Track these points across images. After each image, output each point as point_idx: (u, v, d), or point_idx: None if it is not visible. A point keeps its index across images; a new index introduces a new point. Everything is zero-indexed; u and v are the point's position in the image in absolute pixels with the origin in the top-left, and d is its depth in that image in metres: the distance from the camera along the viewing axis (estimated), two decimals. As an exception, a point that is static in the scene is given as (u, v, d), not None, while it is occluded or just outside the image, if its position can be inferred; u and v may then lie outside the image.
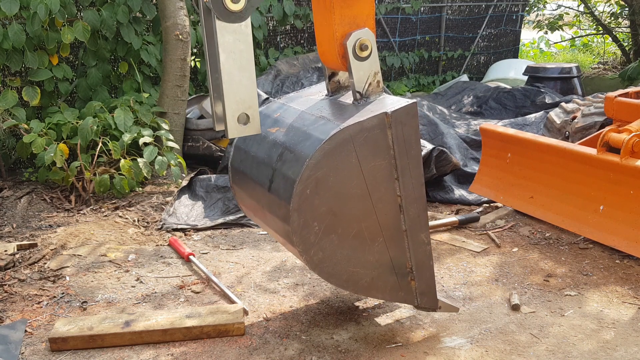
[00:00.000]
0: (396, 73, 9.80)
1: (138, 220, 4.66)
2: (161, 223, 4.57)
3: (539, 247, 4.11)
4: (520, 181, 4.50)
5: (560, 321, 3.17)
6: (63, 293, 3.52)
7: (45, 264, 3.86)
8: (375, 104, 2.66)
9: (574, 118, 5.02)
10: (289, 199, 2.47)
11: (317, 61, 7.25)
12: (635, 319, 3.18)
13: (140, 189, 5.19)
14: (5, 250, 3.94)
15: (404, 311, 3.27)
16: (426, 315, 3.22)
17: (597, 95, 5.39)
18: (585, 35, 14.15)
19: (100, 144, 4.93)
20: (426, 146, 4.94)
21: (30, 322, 3.21)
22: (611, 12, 12.35)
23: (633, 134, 3.81)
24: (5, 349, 2.93)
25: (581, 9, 13.11)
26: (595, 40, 14.16)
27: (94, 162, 4.91)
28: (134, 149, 5.17)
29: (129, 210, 4.78)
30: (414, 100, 2.60)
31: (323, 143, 2.45)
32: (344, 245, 2.62)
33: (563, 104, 5.33)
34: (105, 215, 4.68)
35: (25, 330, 3.12)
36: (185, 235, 4.43)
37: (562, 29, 12.66)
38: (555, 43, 14.35)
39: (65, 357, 2.91)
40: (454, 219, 4.49)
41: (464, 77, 9.84)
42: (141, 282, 3.66)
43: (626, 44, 12.03)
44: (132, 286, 3.62)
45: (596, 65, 12.42)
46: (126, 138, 5.01)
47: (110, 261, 3.92)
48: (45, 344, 3.01)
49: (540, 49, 14.11)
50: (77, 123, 5.08)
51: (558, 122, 5.13)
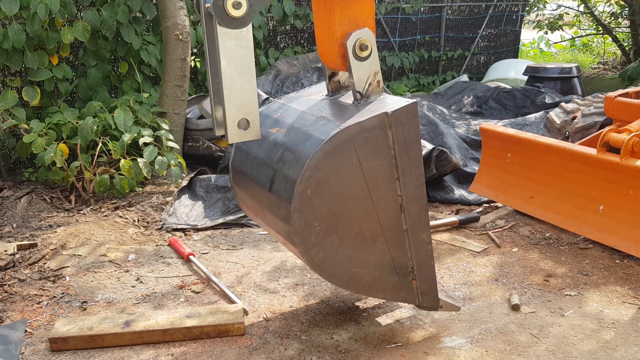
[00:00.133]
0: (396, 73, 9.80)
1: (138, 220, 4.66)
2: (161, 223, 4.57)
3: (539, 247, 4.11)
4: (520, 181, 4.50)
5: (560, 321, 3.17)
6: (63, 293, 3.52)
7: (45, 264, 3.86)
8: (375, 104, 2.66)
9: (574, 118, 5.02)
10: (290, 199, 2.47)
11: (317, 61, 7.25)
12: (635, 319, 3.18)
13: (140, 189, 5.19)
14: (5, 250, 3.94)
15: (404, 311, 3.27)
16: (426, 315, 3.22)
17: (597, 95, 5.38)
18: (585, 35, 14.16)
19: (100, 144, 4.93)
20: (426, 146, 4.94)
21: (30, 322, 3.21)
22: (611, 12, 12.36)
23: (633, 134, 3.81)
24: (5, 349, 2.93)
25: (581, 9, 13.11)
26: (595, 40, 14.16)
27: (94, 162, 4.91)
28: (134, 149, 5.17)
29: (129, 210, 4.78)
30: (414, 100, 2.60)
31: (323, 143, 2.45)
32: (345, 245, 2.61)
33: (563, 104, 5.33)
34: (105, 215, 4.68)
35: (25, 330, 3.12)
36: (185, 235, 4.43)
37: (562, 29, 12.66)
38: (555, 43, 14.35)
39: (65, 357, 2.91)
40: (454, 219, 4.49)
41: (464, 77, 9.83)
42: (141, 282, 3.66)
43: (626, 44, 12.03)
44: (132, 286, 3.62)
45: (596, 65, 12.42)
46: (126, 138, 5.02)
47: (110, 261, 3.92)
48: (45, 344, 3.01)
49: (540, 49, 14.11)
50: (77, 123, 5.08)
51: (558, 122, 5.13)
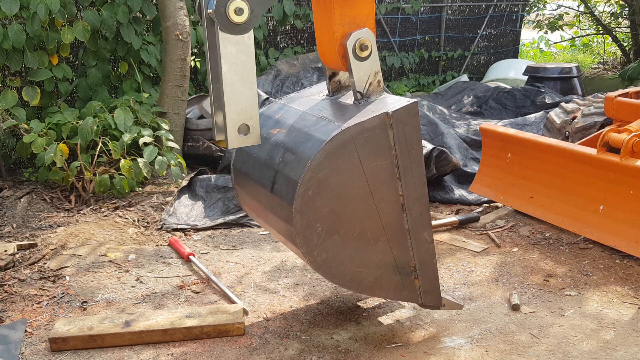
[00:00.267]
0: (396, 73, 9.80)
1: (138, 220, 4.66)
2: (161, 223, 4.57)
3: (539, 247, 4.11)
4: (520, 181, 4.50)
5: (560, 321, 3.17)
6: (63, 293, 3.52)
7: (45, 264, 3.86)
8: (376, 103, 2.66)
9: (574, 118, 5.02)
10: (292, 200, 2.47)
11: (317, 61, 7.25)
12: (635, 319, 3.18)
13: (140, 189, 5.19)
14: (5, 250, 3.94)
15: (404, 311, 3.27)
16: (426, 315, 3.22)
17: (597, 95, 5.38)
18: (585, 35, 14.16)
19: (100, 144, 4.92)
20: (426, 146, 4.94)
21: (30, 322, 3.21)
22: (611, 12, 12.36)
23: (633, 134, 3.81)
24: (5, 349, 2.93)
25: (581, 9, 13.11)
26: (595, 40, 14.16)
27: (94, 162, 4.91)
28: (134, 149, 5.17)
29: (129, 210, 4.78)
30: (415, 100, 2.60)
31: (324, 144, 2.45)
32: (347, 245, 2.62)
33: (563, 104, 5.33)
34: (105, 215, 4.68)
35: (25, 330, 3.12)
36: (185, 235, 4.43)
37: (562, 29, 12.66)
38: (555, 43, 14.35)
39: (65, 357, 2.91)
40: (454, 219, 4.49)
41: (464, 77, 9.83)
42: (141, 282, 3.66)
43: (626, 44, 12.03)
44: (132, 286, 3.62)
45: (596, 65, 12.42)
46: (126, 138, 5.01)
47: (110, 261, 3.92)
48: (45, 344, 3.01)
49: (540, 49, 14.11)
50: (77, 123, 5.08)
51: (558, 122, 5.13)
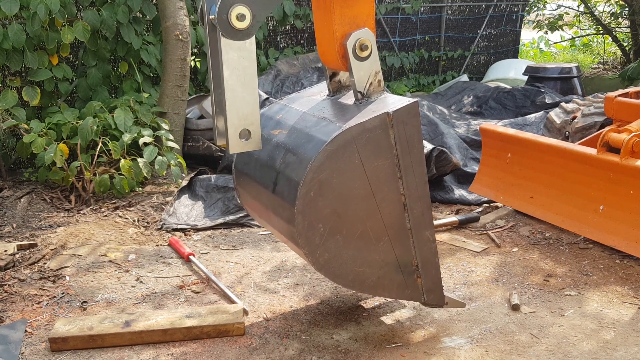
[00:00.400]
0: (396, 73, 9.80)
1: (138, 220, 4.66)
2: (161, 223, 4.57)
3: (539, 247, 4.11)
4: (520, 181, 4.50)
5: (560, 321, 3.17)
6: (63, 293, 3.52)
7: (45, 264, 3.86)
8: (376, 103, 2.66)
9: (574, 118, 5.02)
10: (293, 201, 2.47)
11: (317, 61, 7.25)
12: (635, 319, 3.18)
13: (140, 189, 5.19)
14: (5, 250, 3.94)
15: (404, 311, 3.27)
16: (426, 315, 3.22)
17: (597, 95, 5.38)
18: (585, 35, 14.15)
19: (100, 144, 4.92)
20: (426, 146, 4.94)
21: (30, 322, 3.21)
22: (611, 12, 12.35)
23: (633, 134, 3.81)
24: (5, 349, 2.93)
25: (581, 9, 13.11)
26: (595, 40, 14.16)
27: (94, 162, 4.91)
28: (134, 149, 5.17)
29: (129, 210, 4.78)
30: (416, 100, 2.60)
31: (325, 145, 2.45)
32: (350, 245, 2.62)
33: (563, 104, 5.33)
34: (105, 215, 4.68)
35: (25, 330, 3.12)
36: (185, 235, 4.43)
37: (562, 29, 12.66)
38: (555, 43, 14.35)
39: (65, 357, 2.91)
40: (454, 219, 4.49)
41: (464, 77, 9.83)
42: (141, 282, 3.66)
43: (626, 44, 12.03)
44: (132, 286, 3.62)
45: (596, 65, 12.42)
46: (126, 138, 5.01)
47: (110, 261, 3.92)
48: (45, 344, 3.01)
49: (540, 49, 14.11)
50: (77, 123, 5.08)
51: (558, 122, 5.13)
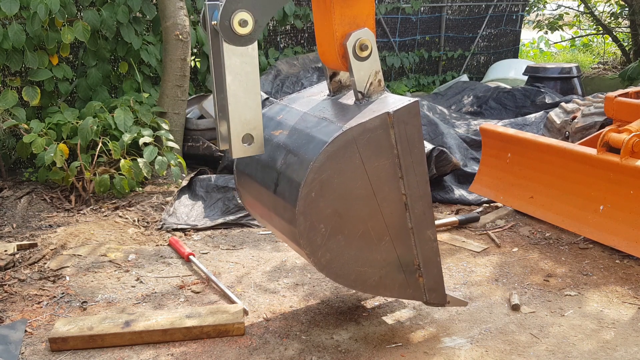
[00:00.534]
0: (396, 73, 9.80)
1: (138, 220, 4.66)
2: (161, 223, 4.57)
3: (539, 247, 4.11)
4: (520, 181, 4.50)
5: (560, 321, 3.17)
6: (63, 293, 3.52)
7: (45, 264, 3.86)
8: (377, 103, 2.66)
9: (574, 118, 5.02)
10: (295, 202, 2.47)
11: (317, 61, 7.25)
12: (635, 319, 3.18)
13: (140, 189, 5.19)
14: (5, 250, 3.94)
15: (404, 311, 3.27)
16: (426, 315, 3.22)
17: (597, 95, 5.38)
18: (585, 35, 14.15)
19: (100, 144, 4.92)
20: (426, 146, 4.94)
21: (30, 322, 3.21)
22: (611, 12, 12.35)
23: (633, 134, 3.81)
24: (5, 349, 2.93)
25: (581, 9, 13.11)
26: (595, 40, 14.16)
27: (94, 162, 4.91)
28: (134, 149, 5.17)
29: (129, 210, 4.78)
30: (416, 99, 2.60)
31: (326, 146, 2.45)
32: (351, 245, 2.62)
33: (563, 104, 5.33)
34: (105, 215, 4.68)
35: (25, 330, 3.12)
36: (185, 235, 4.43)
37: (562, 29, 12.66)
38: (555, 43, 14.35)
39: (65, 357, 2.91)
40: (454, 219, 4.49)
41: (464, 77, 9.83)
42: (141, 282, 3.66)
43: (626, 44, 12.02)
44: (132, 286, 3.62)
45: (596, 65, 12.42)
46: (126, 138, 5.01)
47: (110, 261, 3.92)
48: (45, 344, 3.01)
49: (540, 49, 14.11)
50: (77, 123, 5.08)
51: (558, 122, 5.13)
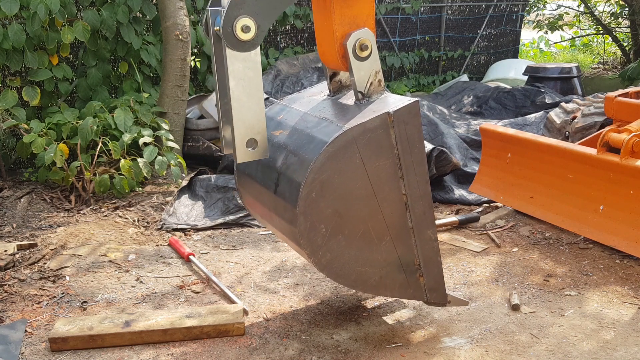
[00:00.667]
0: (396, 73, 9.80)
1: (138, 220, 4.66)
2: (161, 223, 4.57)
3: (539, 247, 4.11)
4: (520, 181, 4.50)
5: (560, 321, 3.17)
6: (63, 293, 3.52)
7: (45, 264, 3.86)
8: (377, 103, 2.66)
9: (574, 118, 5.02)
10: (295, 202, 2.48)
11: (317, 61, 7.25)
12: (635, 319, 3.18)
13: (140, 189, 5.19)
14: (5, 250, 3.94)
15: (404, 311, 3.27)
16: (426, 315, 3.22)
17: (597, 95, 5.38)
18: (585, 35, 14.15)
19: (100, 144, 4.92)
20: (426, 146, 4.94)
21: (30, 322, 3.21)
22: (611, 12, 12.35)
23: (633, 134, 3.81)
24: (5, 349, 2.93)
25: (581, 9, 13.11)
26: (595, 40, 14.16)
27: (94, 162, 4.91)
28: (134, 149, 5.17)
29: (129, 210, 4.78)
30: (416, 99, 2.60)
31: (326, 146, 2.45)
32: (352, 245, 2.62)
33: (563, 104, 5.33)
34: (105, 215, 4.68)
35: (25, 330, 3.12)
36: (185, 235, 4.43)
37: (562, 29, 12.66)
38: (555, 43, 14.35)
39: (65, 357, 2.91)
40: (454, 219, 4.49)
41: (464, 77, 9.83)
42: (141, 282, 3.66)
43: (626, 44, 12.02)
44: (132, 286, 3.62)
45: (596, 65, 12.42)
46: (126, 138, 5.01)
47: (110, 261, 3.92)
48: (45, 344, 3.01)
49: (540, 49, 14.11)
50: (77, 123, 5.08)
51: (558, 122, 5.13)
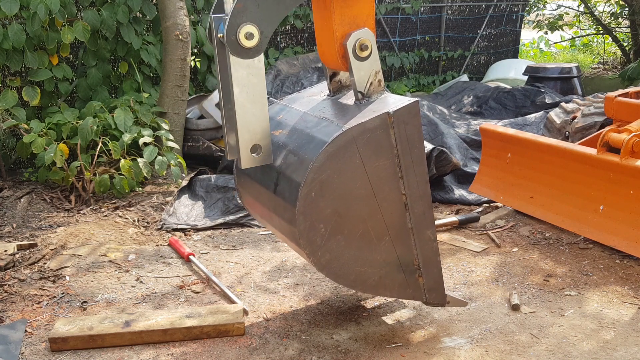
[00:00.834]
0: (396, 73, 9.80)
1: (138, 220, 4.66)
2: (161, 223, 4.57)
3: (539, 247, 4.11)
4: (520, 181, 4.50)
5: (560, 321, 3.17)
6: (63, 293, 3.52)
7: (45, 264, 3.86)
8: (377, 103, 2.66)
9: (574, 118, 5.02)
10: (295, 202, 2.48)
11: (317, 61, 7.25)
12: (635, 319, 3.18)
13: (140, 189, 5.19)
14: (5, 250, 3.94)
15: (404, 311, 3.27)
16: (426, 315, 3.22)
17: (597, 95, 5.38)
18: (585, 35, 14.15)
19: (100, 144, 4.92)
20: (426, 146, 4.94)
21: (30, 322, 3.21)
22: (611, 12, 12.35)
23: (633, 134, 3.81)
24: (5, 349, 2.93)
25: (581, 9, 13.10)
26: (595, 40, 14.15)
27: (94, 162, 4.91)
28: (134, 149, 5.17)
29: (129, 210, 4.78)
30: (416, 99, 2.60)
31: (326, 146, 2.45)
32: (351, 245, 2.62)
33: (563, 104, 5.33)
34: (105, 215, 4.68)
35: (25, 330, 3.12)
36: (185, 235, 4.43)
37: (562, 29, 12.65)
38: (555, 43, 14.34)
39: (65, 357, 2.91)
40: (454, 219, 4.49)
41: (464, 77, 9.83)
42: (141, 282, 3.66)
43: (626, 44, 12.02)
44: (132, 286, 3.62)
45: (596, 65, 12.42)
46: (126, 138, 5.01)
47: (110, 261, 3.92)
48: (45, 344, 3.01)
49: (540, 49, 14.10)
50: (77, 123, 5.08)
51: (558, 122, 5.13)
